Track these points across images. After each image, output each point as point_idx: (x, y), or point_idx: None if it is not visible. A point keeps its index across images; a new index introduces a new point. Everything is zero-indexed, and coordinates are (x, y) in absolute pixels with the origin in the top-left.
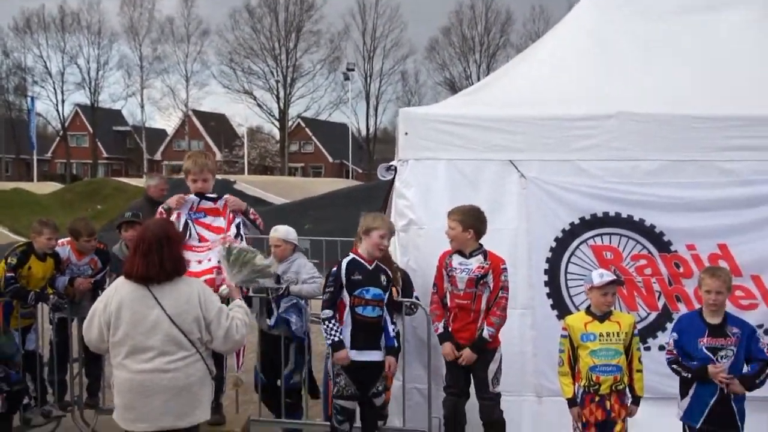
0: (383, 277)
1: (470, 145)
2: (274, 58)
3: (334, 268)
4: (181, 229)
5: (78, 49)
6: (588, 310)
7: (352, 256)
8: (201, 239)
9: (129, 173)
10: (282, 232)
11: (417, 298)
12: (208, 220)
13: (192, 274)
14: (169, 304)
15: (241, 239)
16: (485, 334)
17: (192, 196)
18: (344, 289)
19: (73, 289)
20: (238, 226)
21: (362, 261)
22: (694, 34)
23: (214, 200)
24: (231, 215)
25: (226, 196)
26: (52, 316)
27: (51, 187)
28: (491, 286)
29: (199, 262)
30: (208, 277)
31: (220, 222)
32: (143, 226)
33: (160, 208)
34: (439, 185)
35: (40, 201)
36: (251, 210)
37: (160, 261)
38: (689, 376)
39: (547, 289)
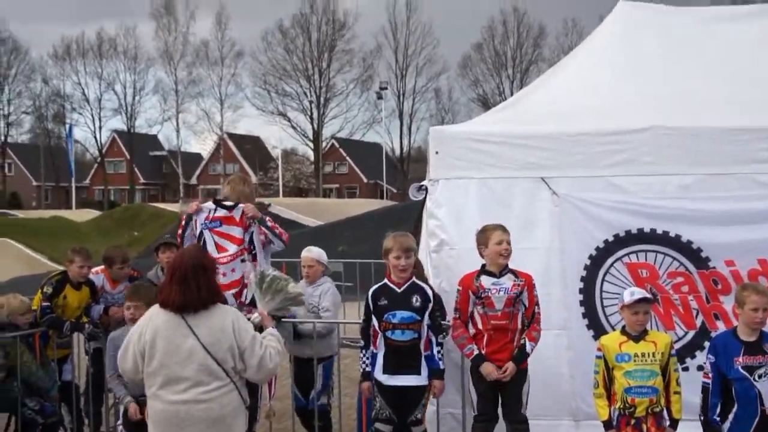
0: (416, 298)
1: (501, 163)
2: (307, 79)
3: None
4: (197, 240)
5: (115, 75)
6: (623, 330)
7: (383, 281)
8: (219, 248)
9: (165, 198)
10: (316, 252)
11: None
12: (224, 228)
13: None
14: (204, 333)
15: (253, 248)
16: (528, 348)
17: (209, 204)
18: (373, 315)
19: (108, 317)
20: (251, 236)
21: (391, 285)
22: (723, 46)
23: (229, 208)
24: (247, 223)
25: (241, 204)
26: (87, 346)
27: (89, 214)
28: (526, 303)
29: (224, 275)
30: (234, 290)
31: (236, 231)
32: (179, 253)
33: (180, 214)
34: (470, 204)
35: (78, 228)
36: (268, 218)
37: (197, 289)
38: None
39: (582, 309)
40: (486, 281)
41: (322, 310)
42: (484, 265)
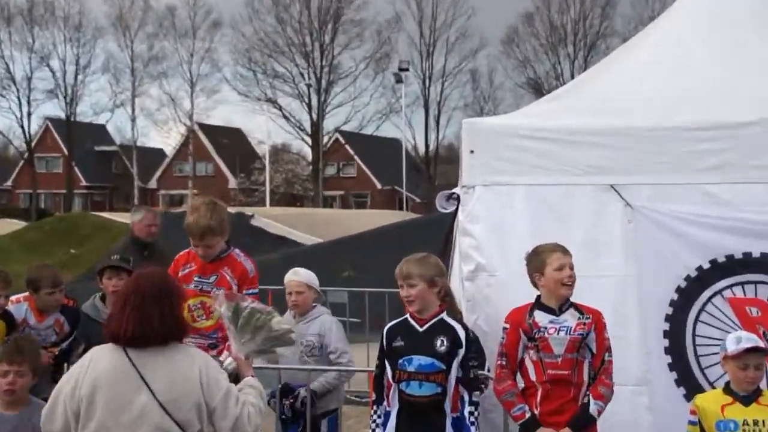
0: (441, 340)
1: (558, 165)
2: (305, 56)
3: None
4: None
5: (51, 48)
6: (727, 388)
7: (403, 317)
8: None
9: (115, 206)
10: (304, 275)
11: (489, 369)
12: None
13: None
14: (161, 385)
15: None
16: (592, 409)
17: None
18: (387, 361)
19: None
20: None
21: (412, 322)
22: None
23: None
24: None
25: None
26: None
27: (11, 225)
28: (593, 348)
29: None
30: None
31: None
32: (135, 276)
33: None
34: (516, 219)
35: None
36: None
37: (160, 317)
38: None
39: (668, 359)
40: (542, 318)
41: (333, 353)
42: (539, 297)
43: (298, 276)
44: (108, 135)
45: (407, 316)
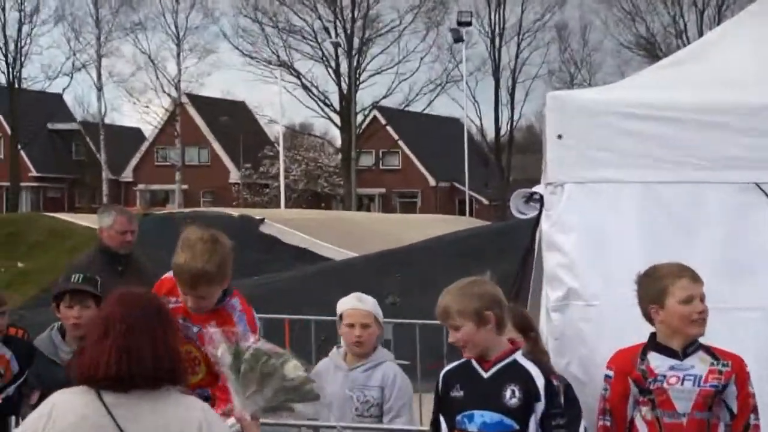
0: (512, 391)
1: (681, 156)
2: (331, 5)
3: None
4: None
5: None
6: None
7: (464, 359)
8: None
9: (76, 204)
10: (371, 303)
11: (586, 430)
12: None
13: None
14: None
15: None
16: None
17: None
18: (441, 415)
19: None
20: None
21: (475, 365)
22: None
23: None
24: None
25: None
26: None
27: None
28: (733, 406)
29: None
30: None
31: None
32: (118, 296)
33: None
34: (622, 228)
35: None
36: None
37: (153, 353)
38: None
39: None
40: (659, 363)
41: (387, 414)
42: (653, 336)
43: (365, 304)
44: (66, 109)
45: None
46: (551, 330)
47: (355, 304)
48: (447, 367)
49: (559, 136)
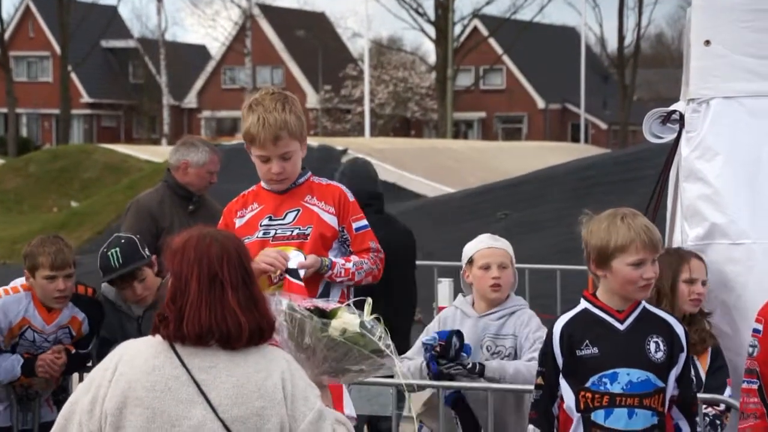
0: (656, 344)
1: None
2: None
3: (545, 337)
4: None
5: None
6: None
7: (581, 306)
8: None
9: (134, 136)
10: (504, 240)
11: (730, 396)
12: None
13: None
14: (226, 398)
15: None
16: None
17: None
18: (561, 377)
19: (31, 380)
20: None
21: (603, 314)
22: None
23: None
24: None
25: (296, 260)
26: None
27: None
28: None
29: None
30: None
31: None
32: (193, 244)
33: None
34: None
35: None
36: (342, 261)
37: (243, 304)
38: None
39: None
40: None
41: (522, 353)
42: None
43: (499, 242)
44: (122, 24)
45: (588, 304)
46: None
47: (490, 242)
48: (562, 320)
49: (707, 42)
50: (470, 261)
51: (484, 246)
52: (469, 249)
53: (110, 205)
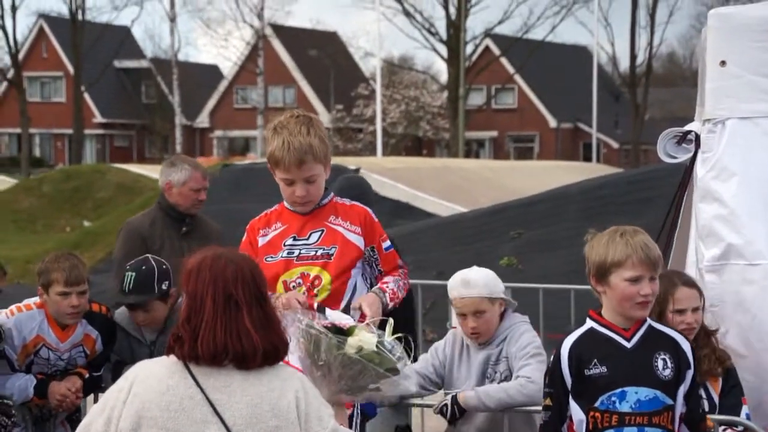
0: (663, 361)
1: None
2: None
3: (553, 357)
4: None
5: None
6: None
7: (587, 325)
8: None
9: (146, 155)
10: (480, 282)
11: (748, 416)
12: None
13: None
14: (240, 417)
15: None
16: None
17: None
18: (570, 396)
19: (45, 401)
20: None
21: (610, 332)
22: None
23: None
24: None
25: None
26: None
27: None
28: None
29: None
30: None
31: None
32: (208, 265)
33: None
34: None
35: None
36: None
37: (258, 325)
38: None
39: None
40: None
41: (521, 360)
42: None
43: (471, 288)
44: (134, 44)
45: (594, 323)
46: (707, 292)
47: (460, 291)
48: (569, 340)
49: (723, 63)
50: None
51: (456, 295)
52: (450, 289)
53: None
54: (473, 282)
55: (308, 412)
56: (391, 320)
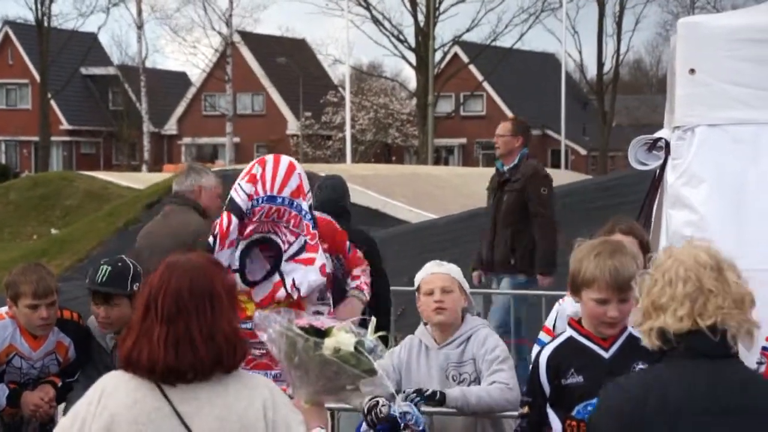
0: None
1: None
2: None
3: (531, 365)
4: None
5: None
6: None
7: (566, 334)
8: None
9: (114, 162)
10: (453, 268)
11: None
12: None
13: None
14: (207, 427)
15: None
16: None
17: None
18: (549, 405)
19: (18, 410)
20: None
21: (588, 342)
22: None
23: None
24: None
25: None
26: None
27: None
28: None
29: None
30: None
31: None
32: (163, 270)
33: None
34: (765, 178)
35: None
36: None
37: (207, 339)
38: None
39: None
40: None
41: (485, 376)
42: None
43: (444, 267)
44: (102, 51)
45: (572, 333)
46: None
47: (434, 269)
48: (548, 349)
49: (692, 71)
50: (418, 289)
51: (428, 272)
52: (417, 278)
53: (91, 232)
54: (446, 265)
55: (275, 420)
56: (374, 319)
